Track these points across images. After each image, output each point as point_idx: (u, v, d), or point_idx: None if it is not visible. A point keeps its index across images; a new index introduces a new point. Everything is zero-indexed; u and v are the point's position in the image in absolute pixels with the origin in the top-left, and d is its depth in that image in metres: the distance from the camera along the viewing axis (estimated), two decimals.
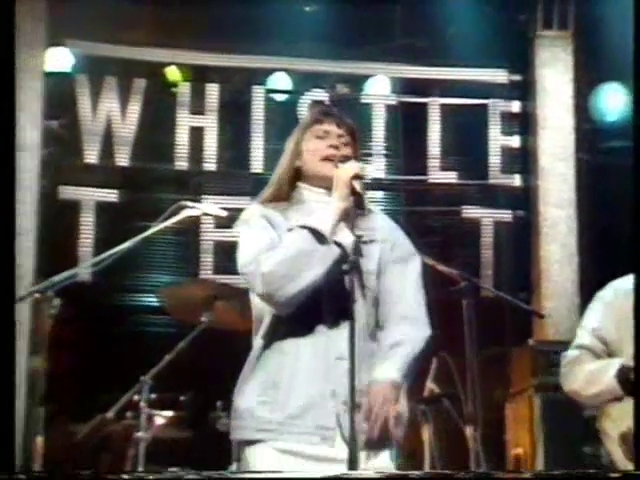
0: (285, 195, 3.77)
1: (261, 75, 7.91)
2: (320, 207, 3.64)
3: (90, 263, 6.41)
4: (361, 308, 3.58)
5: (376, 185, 7.85)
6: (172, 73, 7.56)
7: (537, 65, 8.02)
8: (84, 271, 6.28)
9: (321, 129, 3.82)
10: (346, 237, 3.49)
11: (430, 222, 7.94)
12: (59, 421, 6.36)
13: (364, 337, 3.59)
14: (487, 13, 7.60)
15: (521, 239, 8.00)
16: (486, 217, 7.97)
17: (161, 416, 5.99)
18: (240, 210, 3.99)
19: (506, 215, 7.99)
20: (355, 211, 3.60)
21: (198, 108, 7.80)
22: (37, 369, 6.30)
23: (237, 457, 4.44)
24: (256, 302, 3.66)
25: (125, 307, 7.52)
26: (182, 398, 6.14)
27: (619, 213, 7.29)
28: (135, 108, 7.73)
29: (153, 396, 5.83)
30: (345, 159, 3.69)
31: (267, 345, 3.60)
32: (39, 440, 5.43)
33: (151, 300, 7.21)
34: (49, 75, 7.54)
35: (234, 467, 4.87)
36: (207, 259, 7.48)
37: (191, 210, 5.71)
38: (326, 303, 3.55)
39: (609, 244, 7.51)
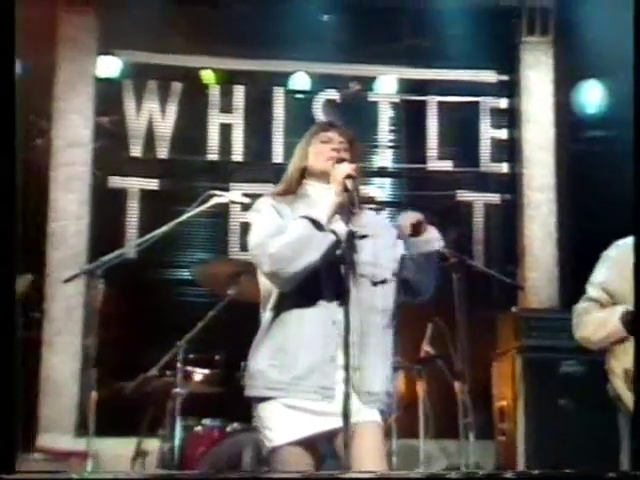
0: (293, 190, 3.91)
1: (281, 77, 7.85)
2: (321, 200, 3.75)
3: (134, 244, 6.47)
4: (359, 291, 3.70)
5: (382, 173, 7.96)
6: (206, 76, 7.59)
7: (522, 67, 8.02)
8: (129, 251, 6.27)
9: (326, 135, 3.96)
10: (340, 226, 3.62)
11: (428, 205, 7.78)
12: (109, 380, 6.43)
13: (360, 311, 3.68)
14: (478, 22, 7.53)
15: (508, 219, 8.01)
16: (477, 200, 8.00)
17: (197, 373, 6.11)
18: (262, 195, 4.13)
19: (495, 198, 8.03)
20: (348, 205, 3.67)
21: (226, 107, 7.82)
22: (89, 337, 6.56)
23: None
24: (263, 281, 3.78)
25: (164, 281, 7.56)
26: (217, 357, 6.23)
27: (594, 196, 7.44)
28: (172, 108, 7.76)
29: (191, 356, 5.99)
30: (342, 160, 3.79)
31: (275, 317, 3.73)
32: (93, 396, 5.66)
33: (186, 275, 7.24)
34: (99, 80, 7.57)
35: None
36: (234, 239, 7.49)
37: (219, 198, 5.87)
38: (325, 282, 3.67)
39: (584, 223, 7.51)
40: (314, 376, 3.60)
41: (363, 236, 3.81)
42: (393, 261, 3.94)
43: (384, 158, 7.97)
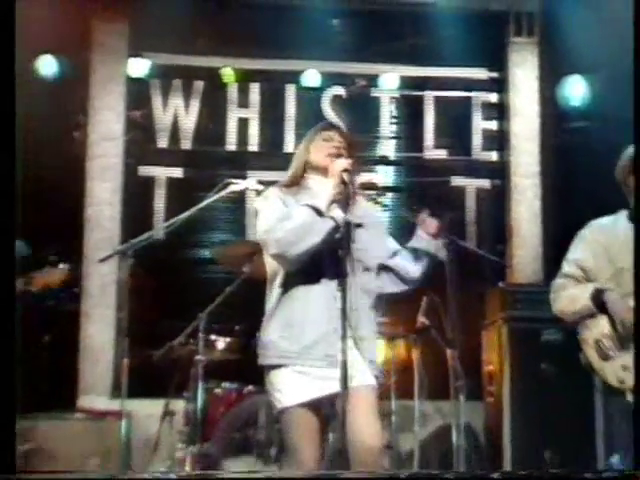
0: (297, 182, 4.07)
1: (293, 75, 7.84)
2: (321, 190, 3.87)
3: (161, 227, 6.65)
4: (355, 272, 3.86)
5: (384, 161, 7.95)
6: (225, 75, 7.64)
7: (510, 65, 7.99)
8: (157, 233, 6.38)
9: (327, 134, 4.10)
10: (338, 213, 3.77)
11: (426, 190, 7.90)
12: (140, 348, 6.49)
13: (356, 290, 3.84)
14: (471, 25, 7.56)
15: (497, 203, 8.01)
16: (470, 185, 8.02)
17: (217, 342, 6.25)
18: (275, 182, 4.38)
19: (485, 184, 8.03)
20: (345, 195, 3.81)
21: (243, 102, 7.82)
22: (122, 310, 6.72)
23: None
24: (270, 262, 3.94)
25: (187, 259, 7.57)
26: (235, 328, 6.37)
27: (575, 181, 7.48)
28: (195, 104, 7.77)
29: (212, 327, 6.11)
30: (340, 156, 3.94)
31: (283, 294, 3.89)
32: (125, 362, 5.82)
33: (207, 254, 7.30)
34: (130, 80, 7.64)
35: None
36: (250, 222, 7.46)
37: (235, 185, 6.04)
38: (326, 264, 3.82)
39: (566, 206, 7.50)
40: (320, 346, 3.76)
41: (358, 225, 3.94)
42: (384, 250, 4.10)
43: (385, 148, 7.98)
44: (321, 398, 3.74)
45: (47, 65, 7.36)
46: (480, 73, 8.08)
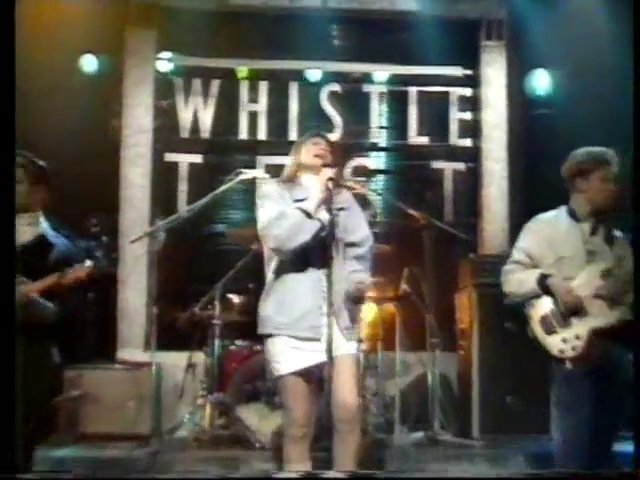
0: (292, 179, 4.18)
1: (295, 74, 7.77)
2: (310, 187, 4.02)
3: (184, 211, 6.48)
4: (335, 254, 3.93)
5: (373, 147, 7.90)
6: (238, 74, 7.64)
7: (482, 64, 7.90)
8: (182, 215, 6.28)
9: (315, 140, 4.21)
10: (324, 215, 3.90)
11: (410, 172, 7.90)
12: (167, 310, 6.67)
13: (339, 270, 3.94)
14: (449, 30, 7.50)
15: (470, 183, 7.96)
16: (447, 168, 7.97)
17: (230, 306, 6.31)
18: (281, 165, 4.53)
19: (461, 166, 7.98)
20: (329, 199, 3.90)
21: (253, 98, 7.77)
22: (152, 278, 6.82)
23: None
24: (267, 250, 4.06)
25: (207, 237, 7.52)
26: (244, 296, 6.35)
27: (537, 165, 7.46)
28: (212, 99, 7.71)
29: (229, 293, 6.27)
30: (326, 165, 4.02)
31: (277, 277, 4.02)
32: (153, 327, 6.07)
33: (224, 231, 7.27)
34: (157, 80, 7.60)
35: None
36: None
37: (244, 174, 6.16)
38: (313, 251, 3.92)
39: (529, 186, 7.56)
40: (307, 319, 3.88)
41: (341, 208, 4.04)
42: (362, 228, 4.19)
43: (375, 136, 7.94)
44: (310, 367, 3.85)
45: (89, 63, 7.35)
46: (456, 71, 8.03)
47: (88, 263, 4.13)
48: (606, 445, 4.23)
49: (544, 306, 4.29)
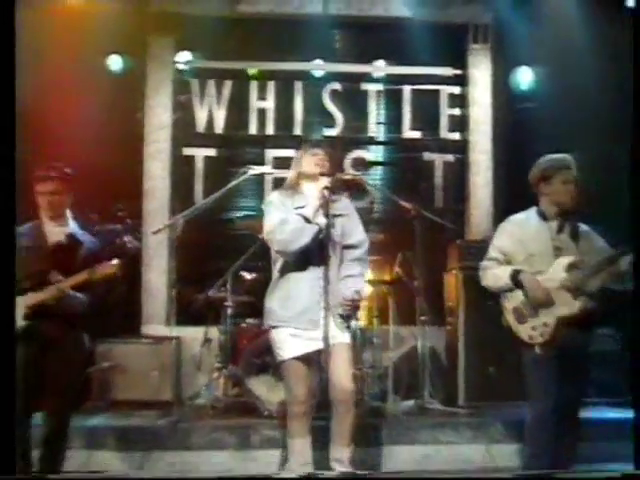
0: (293, 187, 4.24)
1: (300, 74, 7.76)
2: (310, 196, 4.09)
3: (201, 204, 6.47)
4: (332, 255, 4.06)
5: (371, 141, 7.87)
6: (248, 74, 7.66)
7: (469, 65, 7.89)
8: (198, 208, 6.26)
9: (314, 152, 4.21)
10: (321, 220, 3.98)
11: (404, 163, 7.87)
12: (184, 293, 6.83)
13: (335, 270, 4.10)
14: (440, 34, 7.46)
15: (459, 173, 7.94)
16: (438, 159, 7.94)
17: (242, 289, 6.34)
18: (287, 158, 4.74)
19: (450, 158, 7.95)
20: (326, 205, 3.98)
21: (262, 96, 7.75)
22: (172, 261, 6.96)
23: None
24: (272, 252, 4.18)
25: (221, 226, 7.46)
26: (255, 276, 6.32)
27: (518, 157, 7.15)
28: (225, 98, 7.70)
29: (240, 275, 6.30)
30: (323, 175, 4.09)
31: (281, 276, 4.13)
32: (173, 306, 6.23)
33: (236, 219, 7.36)
34: (175, 82, 7.61)
35: None
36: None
37: (253, 170, 6.28)
38: (313, 253, 4.01)
39: (511, 176, 7.47)
40: (307, 313, 4.00)
41: (339, 215, 4.15)
42: (358, 232, 4.28)
43: (372, 130, 7.91)
44: (309, 353, 3.99)
45: (114, 63, 7.35)
46: (446, 71, 7.96)
47: (115, 261, 4.23)
48: (571, 414, 4.35)
49: (516, 298, 4.37)
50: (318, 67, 7.79)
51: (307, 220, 3.99)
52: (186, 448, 5.21)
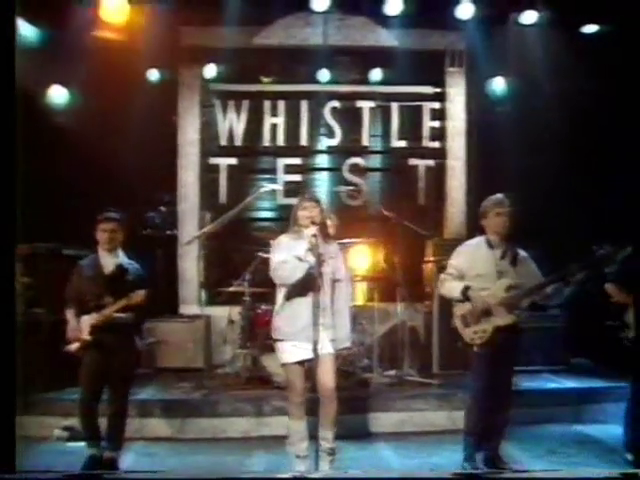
0: (295, 231, 4.54)
1: (306, 94, 8.04)
2: (307, 239, 4.36)
3: (226, 216, 6.58)
4: (324, 286, 4.42)
5: (365, 150, 8.15)
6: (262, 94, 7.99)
7: (447, 84, 8.17)
8: (225, 219, 6.55)
9: (305, 205, 4.53)
10: (311, 259, 4.33)
11: (392, 168, 8.18)
12: (213, 276, 7.28)
13: (329, 300, 4.47)
14: (422, 59, 7.79)
15: (438, 176, 8.22)
16: (421, 164, 8.19)
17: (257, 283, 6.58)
18: (295, 165, 5.20)
19: (431, 163, 8.20)
20: (315, 248, 4.29)
21: (274, 113, 8.05)
22: (202, 256, 6.97)
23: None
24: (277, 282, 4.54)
25: (241, 232, 7.79)
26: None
27: (488, 163, 7.73)
28: (243, 115, 8.05)
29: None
30: (313, 223, 4.42)
31: (286, 301, 4.48)
32: (203, 290, 6.68)
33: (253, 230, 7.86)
34: (202, 104, 8.01)
35: None
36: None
37: (265, 187, 6.82)
38: (310, 284, 4.34)
39: (481, 180, 7.83)
40: (304, 330, 4.35)
41: (330, 257, 4.50)
42: (343, 270, 4.61)
43: (366, 141, 8.17)
44: (304, 359, 4.42)
45: (153, 75, 7.68)
46: (428, 90, 8.19)
47: (142, 292, 4.65)
48: (503, 393, 4.74)
49: (464, 307, 4.72)
50: (320, 88, 8.04)
51: (300, 259, 4.37)
52: (214, 415, 5.78)
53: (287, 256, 4.41)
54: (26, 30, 6.89)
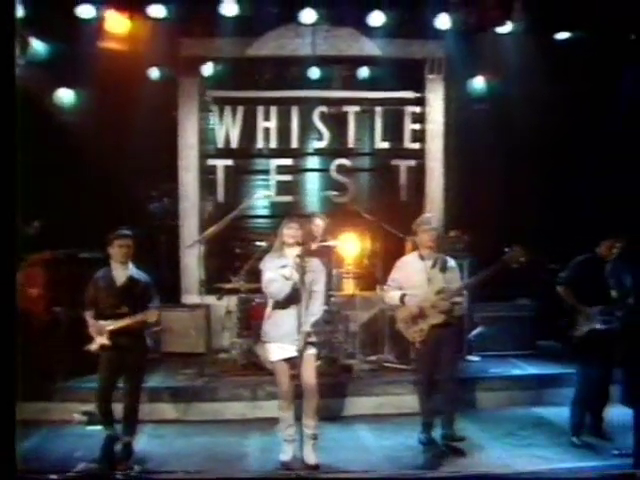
0: (278, 250, 5.04)
1: (295, 100, 8.44)
2: (290, 256, 4.87)
3: (222, 222, 7.08)
4: (305, 296, 4.90)
5: (351, 152, 8.58)
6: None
7: (427, 90, 8.56)
8: (226, 222, 7.04)
9: (289, 225, 5.00)
10: (295, 276, 4.84)
11: (376, 168, 8.63)
12: (213, 268, 7.67)
13: (305, 307, 4.94)
14: (404, 66, 8.29)
15: (418, 175, 8.65)
16: (402, 164, 8.64)
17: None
18: (287, 166, 5.80)
19: (412, 163, 8.64)
20: (300, 267, 4.79)
21: (267, 118, 8.45)
22: (202, 251, 7.30)
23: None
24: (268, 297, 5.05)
25: (240, 231, 8.27)
26: None
27: (464, 165, 8.26)
28: (239, 120, 8.46)
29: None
30: (297, 244, 4.89)
31: (273, 309, 5.02)
32: (204, 277, 7.13)
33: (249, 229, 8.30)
34: (200, 111, 8.41)
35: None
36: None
37: (258, 195, 7.41)
38: (293, 296, 4.87)
39: (450, 180, 8.44)
40: (288, 334, 4.91)
41: (310, 271, 4.98)
42: (320, 283, 5.09)
43: (352, 143, 8.58)
44: (289, 358, 4.97)
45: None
46: (409, 95, 8.58)
47: (157, 312, 5.24)
48: (446, 378, 5.42)
49: (404, 311, 5.44)
50: (309, 94, 8.45)
51: (286, 278, 4.91)
52: (214, 400, 6.42)
53: (275, 275, 4.92)
54: (38, 46, 7.45)
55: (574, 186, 7.76)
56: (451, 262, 5.48)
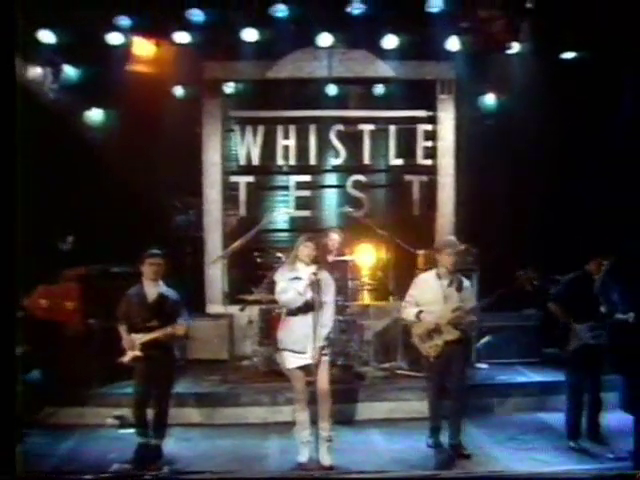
0: (292, 264, 5.30)
1: (313, 120, 8.70)
2: (302, 271, 5.14)
3: (244, 238, 7.37)
4: (317, 307, 5.13)
5: (367, 169, 8.86)
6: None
7: (438, 109, 8.79)
8: (248, 237, 7.36)
9: (306, 244, 5.25)
10: (309, 294, 5.12)
11: (390, 183, 8.90)
12: (235, 279, 8.19)
13: (318, 315, 5.18)
14: (417, 87, 8.55)
15: (431, 190, 8.89)
16: (415, 180, 8.89)
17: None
18: (306, 183, 6.20)
19: (425, 178, 8.89)
20: (315, 283, 5.02)
21: (285, 136, 8.75)
22: (225, 264, 7.95)
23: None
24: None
25: (260, 242, 8.41)
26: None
27: (473, 180, 8.46)
28: (259, 138, 8.77)
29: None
30: (312, 262, 5.17)
31: (287, 317, 5.29)
32: (226, 292, 7.58)
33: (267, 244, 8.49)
34: (224, 130, 8.71)
35: None
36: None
37: (277, 212, 7.75)
38: (306, 307, 5.15)
39: (467, 193, 8.58)
40: (302, 342, 5.19)
41: (320, 280, 5.20)
42: (330, 294, 5.35)
43: (367, 160, 8.84)
44: (302, 366, 5.25)
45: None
46: (421, 113, 8.83)
47: (184, 325, 5.54)
48: (456, 390, 5.70)
49: (419, 327, 5.68)
50: (326, 114, 8.73)
51: (299, 293, 5.21)
52: (237, 405, 6.75)
53: (287, 285, 5.22)
54: (69, 71, 7.98)
55: (585, 200, 7.91)
56: (466, 282, 5.75)
